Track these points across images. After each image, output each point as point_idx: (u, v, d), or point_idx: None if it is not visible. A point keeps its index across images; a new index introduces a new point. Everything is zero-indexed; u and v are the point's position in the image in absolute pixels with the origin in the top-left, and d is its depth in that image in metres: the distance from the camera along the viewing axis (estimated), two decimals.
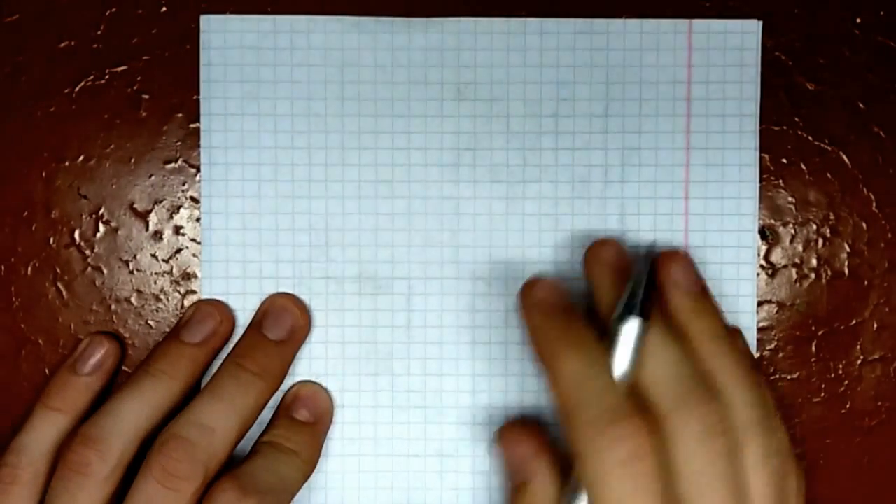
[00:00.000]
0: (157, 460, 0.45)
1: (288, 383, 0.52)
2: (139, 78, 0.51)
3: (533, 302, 0.47)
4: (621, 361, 0.44)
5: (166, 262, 0.52)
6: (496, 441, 0.50)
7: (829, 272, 0.52)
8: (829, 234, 0.52)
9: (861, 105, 0.52)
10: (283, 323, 0.51)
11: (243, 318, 0.51)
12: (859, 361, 0.53)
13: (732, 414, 0.44)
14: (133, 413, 0.47)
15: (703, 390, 0.43)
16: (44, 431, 0.49)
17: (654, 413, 0.43)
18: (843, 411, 0.53)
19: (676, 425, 0.43)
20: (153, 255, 0.52)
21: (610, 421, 0.42)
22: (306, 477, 0.49)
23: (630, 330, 0.44)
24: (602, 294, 0.48)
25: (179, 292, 0.52)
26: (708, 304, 0.47)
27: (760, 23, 0.51)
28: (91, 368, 0.50)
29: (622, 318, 0.45)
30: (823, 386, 0.53)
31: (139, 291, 0.52)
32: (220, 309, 0.51)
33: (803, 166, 0.52)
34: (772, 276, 0.52)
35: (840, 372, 0.53)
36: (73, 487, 0.45)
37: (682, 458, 0.42)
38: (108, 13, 0.51)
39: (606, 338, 0.45)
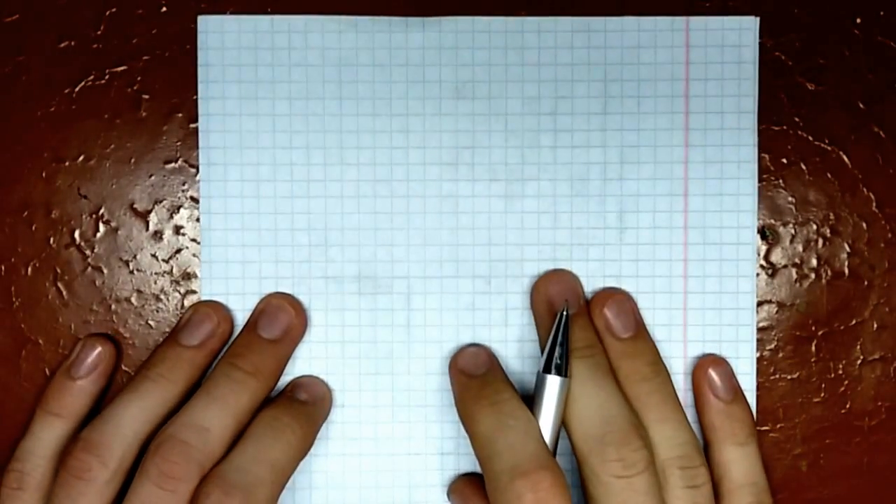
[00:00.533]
0: (153, 462, 0.45)
1: (288, 382, 0.52)
2: (139, 78, 0.52)
3: (455, 370, 0.50)
4: (547, 412, 0.46)
5: (166, 262, 0.52)
6: (449, 495, 0.52)
7: (829, 272, 0.52)
8: (829, 234, 0.52)
9: (861, 105, 0.52)
10: (278, 322, 0.51)
11: (243, 318, 0.51)
12: (859, 361, 0.52)
13: (655, 452, 0.47)
14: (133, 418, 0.47)
15: (625, 430, 0.46)
16: (45, 437, 0.49)
17: (578, 456, 0.46)
18: (843, 411, 0.53)
19: (595, 465, 0.45)
20: (153, 255, 0.52)
21: (517, 474, 0.44)
22: (300, 456, 0.48)
23: (552, 384, 0.47)
24: (540, 332, 0.51)
25: (179, 292, 0.52)
26: (638, 345, 0.50)
27: (758, 19, 0.51)
28: (86, 372, 0.50)
29: (544, 374, 0.47)
30: (823, 386, 0.53)
31: (139, 291, 0.52)
32: (218, 310, 0.51)
33: (803, 166, 0.52)
34: (772, 275, 0.52)
35: (840, 372, 0.52)
36: (75, 493, 0.45)
37: (603, 496, 0.45)
38: (108, 13, 0.51)
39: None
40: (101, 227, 0.52)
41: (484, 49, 0.51)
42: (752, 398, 0.52)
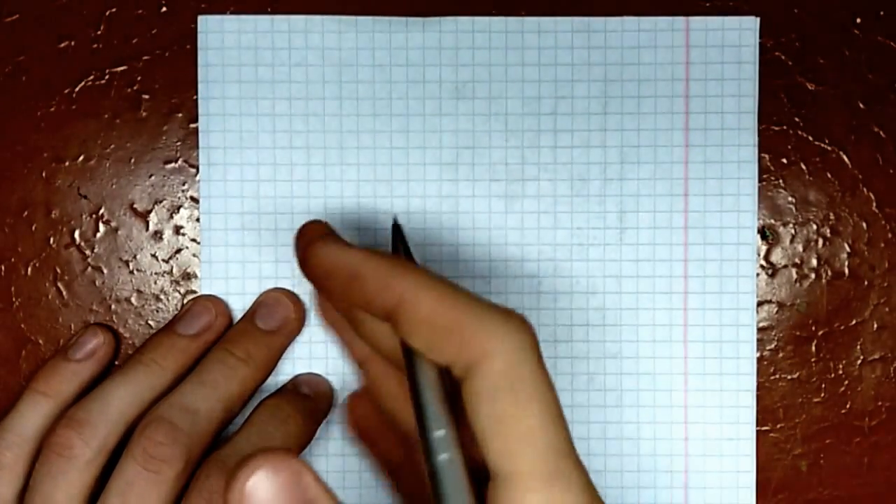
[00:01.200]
0: (138, 442, 0.45)
1: (290, 379, 0.52)
2: (139, 78, 0.52)
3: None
4: None
5: (166, 262, 0.52)
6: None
7: (829, 272, 0.52)
8: (829, 234, 0.52)
9: (861, 105, 0.52)
10: (276, 314, 0.51)
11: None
12: (859, 361, 0.52)
13: None
14: (120, 399, 0.47)
15: None
16: (29, 415, 0.48)
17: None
18: (843, 411, 0.53)
19: None
20: (153, 255, 0.52)
21: None
22: (301, 447, 0.49)
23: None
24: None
25: (179, 292, 0.52)
26: None
27: (758, 19, 0.51)
28: (83, 355, 0.50)
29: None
30: (823, 386, 0.53)
31: (139, 291, 0.52)
32: (218, 305, 0.51)
33: (803, 166, 0.52)
34: (772, 275, 0.52)
35: (840, 372, 0.53)
36: (55, 470, 0.45)
37: None
38: (108, 13, 0.51)
39: None
40: (101, 227, 0.52)
41: (484, 49, 0.51)
42: (752, 398, 0.52)
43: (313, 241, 0.40)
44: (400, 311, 0.37)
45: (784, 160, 0.52)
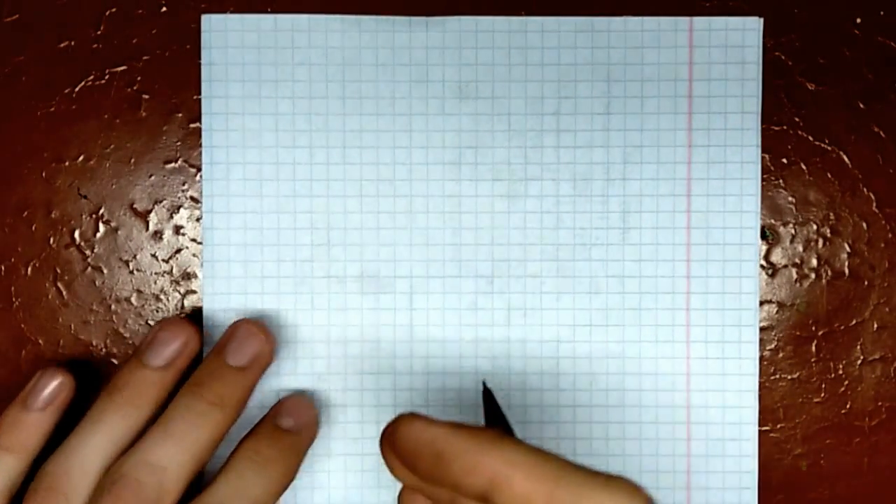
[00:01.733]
0: (105, 501, 0.43)
1: (290, 383, 0.52)
2: (139, 78, 0.51)
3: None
4: None
5: (166, 262, 0.52)
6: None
7: (829, 272, 0.52)
8: (829, 234, 0.52)
9: (861, 105, 0.52)
10: (246, 349, 0.48)
11: (245, 316, 0.51)
12: (859, 361, 0.53)
13: None
14: (100, 448, 0.45)
15: None
16: None
17: None
18: (843, 411, 0.53)
19: None
20: (153, 255, 0.52)
21: None
22: (283, 489, 0.47)
23: None
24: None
25: (179, 292, 0.52)
26: None
27: (762, 20, 0.51)
28: (43, 403, 0.48)
29: None
30: (823, 386, 0.53)
31: (139, 291, 0.52)
32: (185, 327, 0.48)
33: (803, 166, 0.52)
34: (772, 275, 0.52)
35: (840, 372, 0.53)
36: None
37: None
38: (108, 13, 0.51)
39: None
40: (101, 227, 0.52)
41: (487, 49, 0.51)
42: (754, 398, 0.52)
43: (397, 420, 0.37)
44: (493, 493, 0.34)
45: (784, 160, 0.52)
